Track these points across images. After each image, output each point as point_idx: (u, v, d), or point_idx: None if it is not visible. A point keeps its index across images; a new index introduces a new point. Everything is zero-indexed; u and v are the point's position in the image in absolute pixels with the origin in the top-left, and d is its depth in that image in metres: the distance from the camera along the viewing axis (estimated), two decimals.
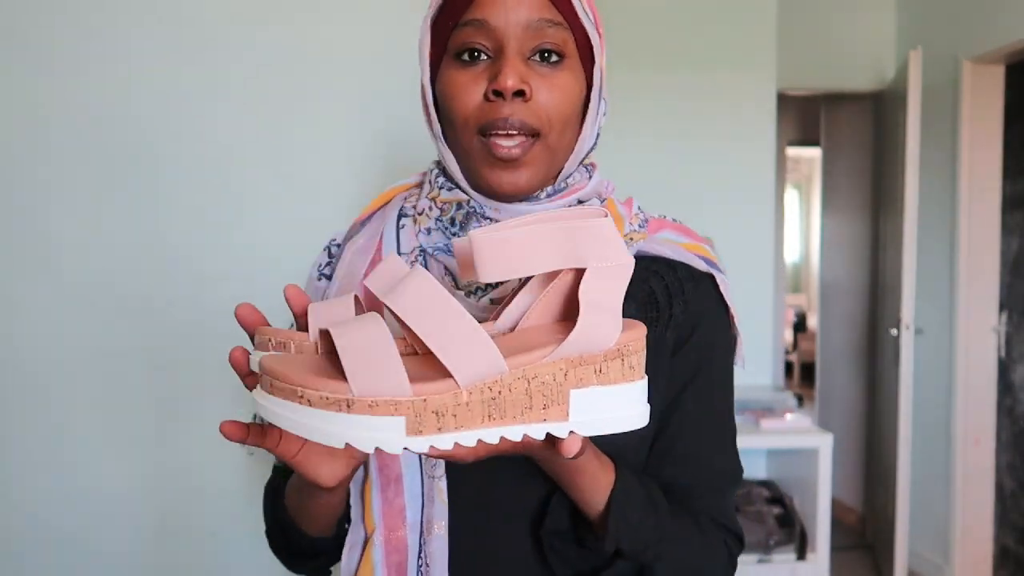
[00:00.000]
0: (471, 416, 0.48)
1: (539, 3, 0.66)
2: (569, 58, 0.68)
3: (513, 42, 0.65)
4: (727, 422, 0.75)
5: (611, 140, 3.26)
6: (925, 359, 3.18)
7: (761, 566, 2.62)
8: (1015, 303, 3.11)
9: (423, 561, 0.68)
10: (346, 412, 0.46)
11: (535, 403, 0.49)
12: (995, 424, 3.14)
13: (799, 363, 7.07)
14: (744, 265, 3.04)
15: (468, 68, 0.66)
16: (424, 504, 0.69)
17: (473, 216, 0.71)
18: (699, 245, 0.77)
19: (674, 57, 3.10)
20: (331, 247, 0.81)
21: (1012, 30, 2.81)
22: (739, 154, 3.12)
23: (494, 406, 0.48)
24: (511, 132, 0.65)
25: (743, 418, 2.79)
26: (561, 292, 0.52)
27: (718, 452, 0.74)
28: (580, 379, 0.51)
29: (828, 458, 2.62)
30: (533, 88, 0.65)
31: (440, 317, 0.47)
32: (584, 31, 0.69)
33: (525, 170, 0.67)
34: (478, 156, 0.67)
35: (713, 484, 0.73)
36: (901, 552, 2.98)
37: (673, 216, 0.83)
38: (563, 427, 0.50)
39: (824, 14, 3.52)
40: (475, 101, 0.66)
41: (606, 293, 0.50)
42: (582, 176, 0.75)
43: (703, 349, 0.73)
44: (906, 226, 2.97)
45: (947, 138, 3.15)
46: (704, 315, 0.73)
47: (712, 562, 0.71)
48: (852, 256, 4.12)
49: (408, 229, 0.74)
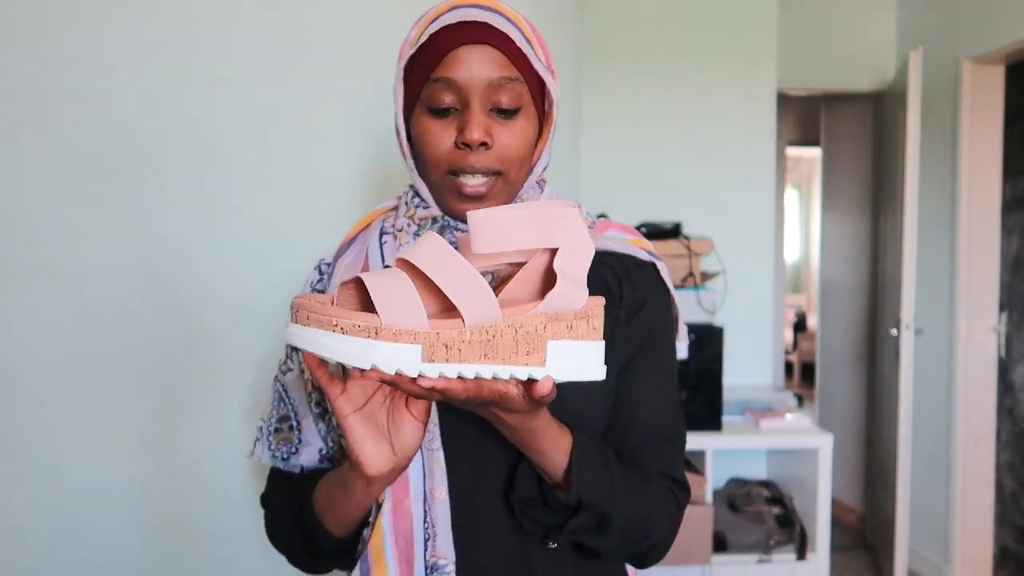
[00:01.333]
0: (472, 352, 0.59)
1: (500, 62, 0.77)
2: (525, 107, 0.79)
3: (476, 98, 0.77)
4: (671, 388, 0.87)
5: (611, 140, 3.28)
6: (925, 359, 3.18)
7: (761, 566, 2.62)
8: (1015, 303, 3.11)
9: (428, 524, 0.78)
10: (374, 339, 0.56)
11: (520, 349, 0.61)
12: (995, 424, 3.15)
13: (799, 363, 7.07)
14: (744, 265, 3.04)
15: (439, 119, 0.78)
16: (425, 475, 0.79)
17: (446, 229, 0.83)
18: (641, 240, 0.90)
19: (674, 57, 3.10)
20: (321, 266, 0.91)
21: (1012, 30, 2.81)
22: (739, 154, 3.12)
23: (489, 347, 0.60)
24: (477, 175, 0.78)
25: (743, 418, 2.79)
26: (535, 271, 0.64)
27: (662, 413, 0.85)
28: (555, 332, 0.63)
29: (828, 458, 2.62)
30: (495, 137, 0.77)
31: (451, 267, 0.59)
32: (538, 76, 0.80)
33: (490, 203, 0.80)
34: (448, 191, 0.80)
35: (660, 440, 0.85)
36: (901, 552, 2.98)
37: (621, 220, 0.96)
38: (541, 371, 0.62)
39: (824, 14, 3.52)
40: (446, 147, 0.78)
41: (575, 267, 0.62)
42: (535, 192, 0.87)
43: (649, 325, 0.85)
44: (906, 226, 2.97)
45: (947, 138, 3.15)
46: (648, 296, 0.86)
47: (660, 509, 0.81)
48: (852, 256, 4.12)
49: (389, 244, 0.85)
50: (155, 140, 1.37)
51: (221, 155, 1.40)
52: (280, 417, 0.89)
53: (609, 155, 3.00)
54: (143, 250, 1.36)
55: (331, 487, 0.78)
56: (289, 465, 0.88)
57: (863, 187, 4.01)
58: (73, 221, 1.33)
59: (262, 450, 0.89)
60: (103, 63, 1.34)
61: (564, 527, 0.76)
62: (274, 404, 0.90)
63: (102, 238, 1.34)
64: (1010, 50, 2.86)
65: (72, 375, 1.33)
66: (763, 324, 3.17)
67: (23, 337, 1.31)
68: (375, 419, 0.69)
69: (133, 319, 1.36)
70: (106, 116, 1.34)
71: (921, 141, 2.97)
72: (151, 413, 1.38)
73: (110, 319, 1.35)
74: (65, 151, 1.32)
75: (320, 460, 0.88)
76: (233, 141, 1.41)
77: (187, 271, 1.39)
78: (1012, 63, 3.02)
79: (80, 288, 1.33)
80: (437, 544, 0.78)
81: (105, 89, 1.34)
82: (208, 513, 1.42)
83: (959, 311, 3.11)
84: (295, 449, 0.87)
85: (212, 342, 1.40)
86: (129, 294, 1.36)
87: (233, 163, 1.41)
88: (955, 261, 3.12)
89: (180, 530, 1.41)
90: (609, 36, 3.07)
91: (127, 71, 1.35)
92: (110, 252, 1.35)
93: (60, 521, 1.33)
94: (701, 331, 2.62)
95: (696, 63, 3.10)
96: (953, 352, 3.13)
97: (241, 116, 1.41)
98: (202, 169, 1.39)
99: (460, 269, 0.59)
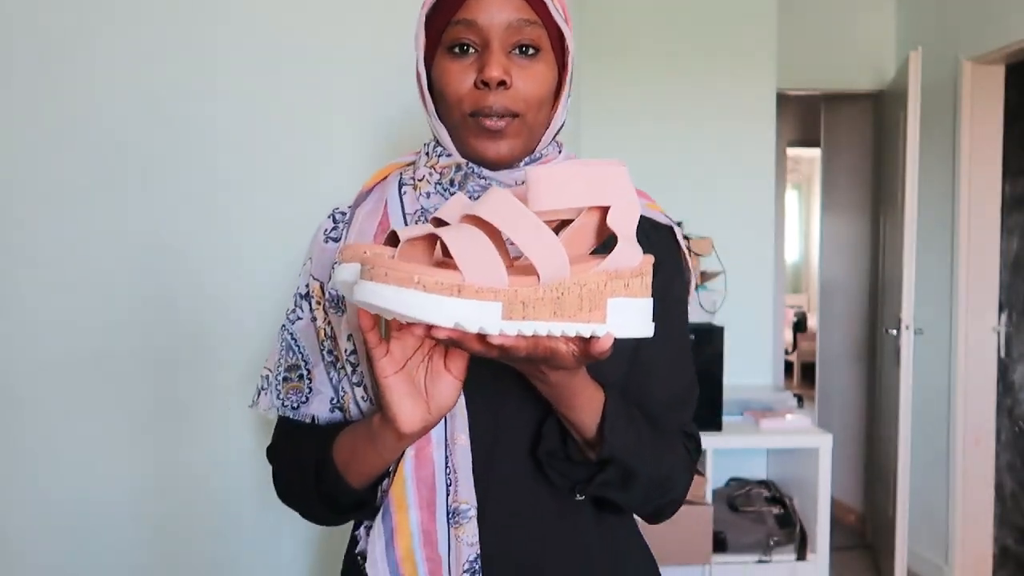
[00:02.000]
0: (544, 309, 0.59)
1: (518, 5, 0.79)
2: (544, 51, 0.81)
3: (496, 39, 0.78)
4: (685, 345, 0.91)
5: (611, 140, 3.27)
6: (925, 359, 3.18)
7: (761, 566, 2.62)
8: (1015, 303, 3.11)
9: (450, 469, 0.79)
10: (456, 296, 0.56)
11: (583, 306, 0.61)
12: (995, 424, 3.14)
13: (799, 363, 7.07)
14: (744, 265, 3.04)
15: (459, 60, 0.80)
16: (447, 420, 0.79)
17: (470, 176, 0.83)
18: (657, 206, 0.92)
19: (674, 57, 3.10)
20: (335, 215, 0.91)
21: (1012, 30, 2.81)
22: (739, 154, 3.12)
23: (558, 304, 0.60)
24: (494, 115, 0.79)
25: (743, 418, 2.79)
26: (586, 228, 0.64)
27: (679, 371, 0.89)
28: (614, 291, 0.63)
29: (828, 458, 2.62)
30: (513, 77, 0.79)
31: (526, 224, 0.59)
32: (556, 26, 0.82)
33: (507, 141, 0.81)
34: (468, 130, 0.81)
35: (677, 398, 0.88)
36: (901, 552, 2.98)
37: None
38: (602, 328, 0.62)
39: (824, 14, 3.52)
40: (466, 87, 0.80)
41: (628, 225, 0.63)
42: (553, 150, 0.89)
43: (665, 287, 0.85)
44: (906, 226, 2.97)
45: (947, 138, 3.15)
46: (666, 258, 0.87)
47: (679, 466, 0.85)
48: (852, 256, 4.12)
49: (409, 195, 0.86)
50: (155, 140, 1.37)
51: (220, 156, 1.40)
52: (289, 366, 0.88)
53: (609, 155, 2.99)
54: (142, 251, 1.36)
55: (355, 440, 0.79)
56: (299, 414, 0.87)
57: (863, 187, 4.01)
58: (72, 222, 1.33)
59: (269, 400, 0.88)
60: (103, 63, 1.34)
61: (592, 480, 0.78)
62: (282, 353, 0.88)
63: (101, 239, 1.34)
64: (1010, 50, 2.86)
65: (72, 375, 1.33)
66: (763, 324, 3.17)
67: (23, 337, 1.31)
68: (413, 378, 0.70)
69: (133, 320, 1.36)
70: (106, 116, 1.34)
71: (921, 141, 2.96)
72: (151, 413, 1.38)
73: (110, 320, 1.35)
74: (65, 152, 1.32)
75: (331, 410, 0.86)
76: (232, 141, 1.41)
77: (187, 272, 1.39)
78: (1012, 63, 3.02)
79: (80, 288, 1.33)
80: (459, 489, 0.79)
81: (106, 89, 1.34)
82: (208, 513, 1.42)
83: (959, 311, 3.11)
84: (305, 398, 0.87)
85: (212, 343, 1.40)
86: (129, 295, 1.36)
87: (232, 164, 1.41)
88: (955, 261, 3.12)
89: (180, 530, 1.41)
90: (609, 36, 3.07)
91: (127, 71, 1.35)
92: (110, 253, 1.35)
93: (60, 521, 1.33)
94: (701, 331, 2.62)
95: (696, 63, 3.09)
96: (953, 352, 3.13)
97: (240, 116, 1.41)
98: (201, 170, 1.39)
99: (534, 226, 0.59)
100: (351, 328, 0.83)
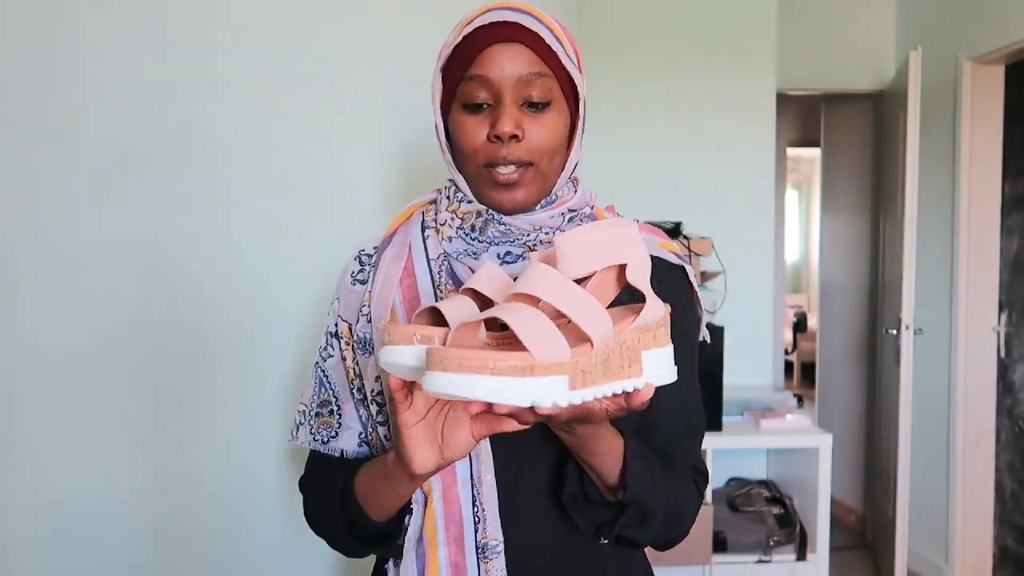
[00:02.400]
0: (597, 373, 0.62)
1: (529, 59, 0.81)
2: (555, 101, 0.84)
3: (508, 94, 0.81)
4: (694, 384, 0.94)
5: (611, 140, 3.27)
6: (925, 359, 3.18)
7: (761, 566, 2.62)
8: (1015, 303, 3.11)
9: (478, 507, 0.83)
10: (530, 376, 0.58)
11: (624, 363, 0.65)
12: (995, 424, 3.15)
13: (799, 363, 7.07)
14: (744, 265, 3.04)
15: (473, 115, 0.83)
16: (472, 461, 0.83)
17: (491, 223, 0.87)
18: (669, 243, 0.95)
19: (674, 57, 3.10)
20: (361, 256, 0.95)
21: (1012, 30, 2.81)
22: (739, 154, 3.12)
23: (607, 366, 0.63)
24: (509, 165, 0.83)
25: (743, 419, 2.79)
26: (605, 284, 0.68)
27: (689, 409, 0.93)
28: (645, 344, 0.67)
29: (828, 458, 2.62)
30: (525, 129, 0.82)
31: (571, 295, 0.62)
32: (567, 73, 0.84)
33: (521, 190, 0.84)
34: (484, 181, 0.85)
35: (686, 435, 0.92)
36: (901, 552, 2.98)
37: (642, 219, 1.00)
38: (641, 381, 0.66)
39: (824, 14, 3.52)
40: (480, 141, 0.83)
41: (645, 279, 0.67)
42: (568, 190, 0.91)
43: (676, 326, 0.88)
44: (906, 226, 2.97)
45: (947, 138, 3.15)
46: (678, 298, 0.88)
47: (689, 499, 0.89)
48: (852, 256, 4.12)
49: (432, 238, 0.90)
50: (156, 140, 1.36)
51: (223, 156, 1.40)
52: (321, 402, 0.93)
53: (609, 154, 3.00)
54: (144, 251, 1.36)
55: (373, 476, 0.82)
56: (329, 448, 0.91)
57: (863, 187, 4.01)
58: (73, 222, 1.33)
59: (305, 434, 0.93)
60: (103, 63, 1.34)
61: (615, 523, 0.82)
62: (315, 389, 0.93)
63: (102, 239, 1.34)
64: (1010, 50, 2.86)
65: (72, 375, 1.33)
66: (763, 324, 3.17)
67: (23, 337, 1.31)
68: (433, 427, 0.72)
69: (133, 320, 1.36)
70: (106, 116, 1.34)
71: (921, 141, 2.97)
72: (151, 414, 1.38)
73: (110, 320, 1.35)
74: (64, 151, 1.32)
75: (359, 444, 0.91)
76: (232, 141, 1.41)
77: (187, 272, 1.39)
78: (1012, 63, 3.02)
79: (80, 289, 1.33)
80: (487, 527, 0.83)
81: (106, 89, 1.34)
82: (208, 513, 1.42)
83: (959, 311, 3.11)
84: (335, 433, 0.91)
85: (213, 343, 1.40)
86: (129, 295, 1.36)
87: (235, 164, 1.41)
88: (955, 261, 3.12)
89: (180, 530, 1.41)
90: (609, 36, 3.07)
91: (127, 71, 1.35)
92: (110, 253, 1.35)
93: (59, 521, 1.33)
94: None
95: (696, 63, 3.09)
96: (953, 352, 3.13)
97: (240, 116, 1.41)
98: (201, 170, 1.39)
99: (579, 296, 0.62)
100: (379, 371, 0.87)
